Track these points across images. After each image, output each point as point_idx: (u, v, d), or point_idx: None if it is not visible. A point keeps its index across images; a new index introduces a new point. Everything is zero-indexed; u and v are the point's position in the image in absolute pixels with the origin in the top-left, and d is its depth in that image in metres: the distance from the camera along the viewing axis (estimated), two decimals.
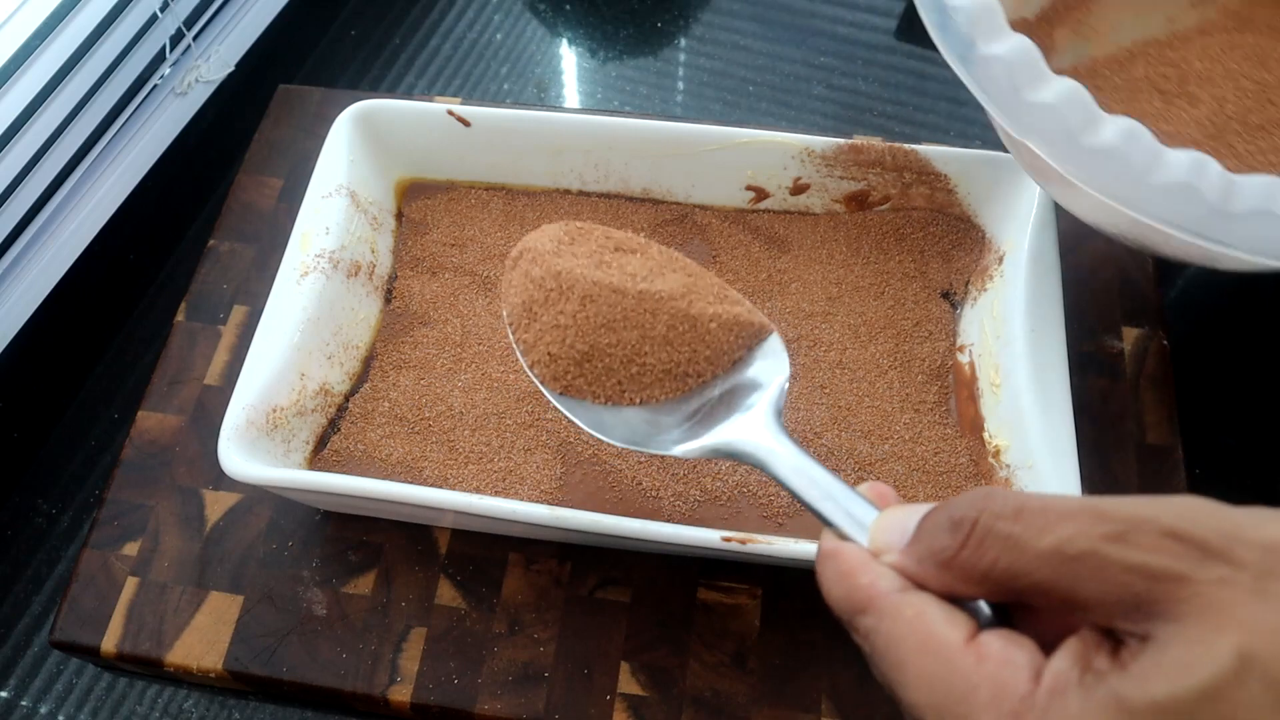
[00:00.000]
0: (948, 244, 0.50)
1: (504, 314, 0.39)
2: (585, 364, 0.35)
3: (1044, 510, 0.20)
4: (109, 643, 0.43)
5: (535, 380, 0.37)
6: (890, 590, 0.23)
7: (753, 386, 0.35)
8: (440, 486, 0.43)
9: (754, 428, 0.32)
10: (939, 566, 0.22)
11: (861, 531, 0.25)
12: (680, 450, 0.34)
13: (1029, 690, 0.20)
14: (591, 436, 0.45)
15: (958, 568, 0.22)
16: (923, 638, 0.22)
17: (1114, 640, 0.20)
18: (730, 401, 0.34)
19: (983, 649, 0.21)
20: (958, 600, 0.22)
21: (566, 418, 0.37)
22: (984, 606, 0.22)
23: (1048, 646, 0.21)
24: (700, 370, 0.35)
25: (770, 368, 0.35)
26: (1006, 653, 0.20)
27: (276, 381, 0.42)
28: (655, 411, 0.35)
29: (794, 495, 0.29)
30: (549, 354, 0.36)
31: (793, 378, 0.47)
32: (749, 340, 0.36)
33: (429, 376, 0.47)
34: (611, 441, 0.35)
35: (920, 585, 0.23)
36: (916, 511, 0.24)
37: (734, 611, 0.43)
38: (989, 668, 0.20)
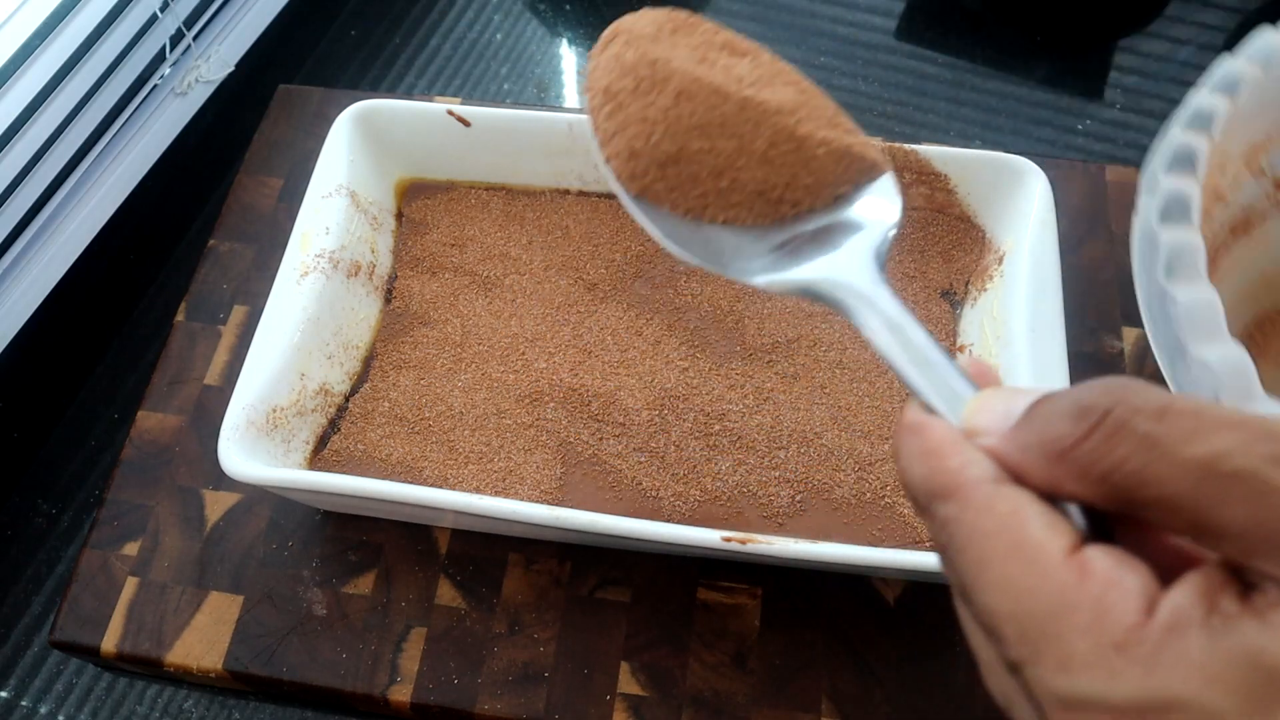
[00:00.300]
0: (948, 244, 0.50)
1: (585, 100, 0.34)
2: (669, 167, 0.31)
3: (1196, 414, 0.17)
4: (109, 643, 0.43)
5: (610, 176, 0.32)
6: (981, 479, 0.20)
7: (854, 227, 0.30)
8: (440, 486, 0.43)
9: (852, 268, 0.28)
10: (1049, 458, 0.19)
11: (954, 410, 0.22)
12: (763, 281, 0.30)
13: (1139, 621, 0.17)
14: (592, 436, 0.45)
15: (1074, 462, 0.18)
16: (1015, 539, 0.19)
17: (1243, 582, 0.17)
18: (826, 239, 0.30)
19: (1088, 564, 0.18)
20: (1056, 503, 0.19)
21: (640, 224, 0.32)
22: (1079, 515, 0.19)
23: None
24: (798, 198, 0.31)
25: (878, 209, 0.31)
26: (1116, 573, 0.18)
27: (276, 381, 0.42)
28: (739, 234, 0.31)
29: (880, 354, 0.25)
30: (630, 149, 0.32)
31: (792, 378, 0.47)
32: (858, 176, 0.32)
33: (429, 376, 0.47)
34: (687, 258, 0.31)
35: (1018, 478, 0.20)
36: (1026, 395, 0.20)
37: (734, 611, 0.43)
38: (1092, 587, 0.17)
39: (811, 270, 0.29)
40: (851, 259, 0.29)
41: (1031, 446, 0.19)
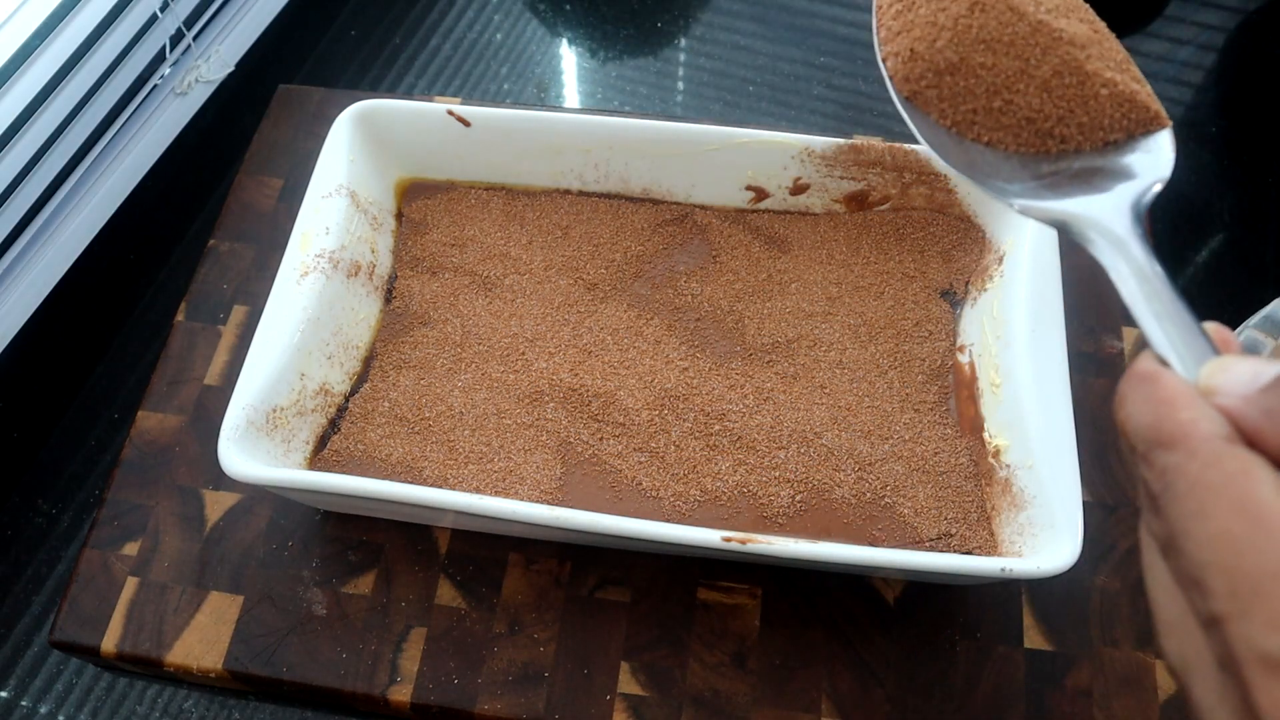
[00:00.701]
0: (948, 244, 0.50)
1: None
2: (947, 76, 0.31)
3: None
4: (109, 643, 0.43)
5: (884, 72, 0.32)
6: (1213, 434, 0.20)
7: (1120, 175, 0.30)
8: (440, 486, 0.43)
9: (1112, 212, 0.28)
10: None
11: (1189, 368, 0.22)
12: (1019, 204, 0.30)
13: None
14: (592, 436, 0.45)
15: None
16: (1242, 496, 0.19)
17: None
18: (1089, 179, 0.30)
19: None
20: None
21: (906, 124, 0.32)
22: None
23: None
24: (1069, 135, 0.31)
25: (1148, 163, 0.30)
26: None
27: (276, 381, 0.42)
28: (1001, 157, 0.31)
29: (1126, 302, 0.25)
30: (911, 50, 0.31)
31: (792, 378, 0.47)
32: (1135, 125, 0.31)
33: (429, 376, 0.47)
34: (948, 165, 0.31)
35: (1251, 443, 0.20)
36: (1274, 365, 0.20)
37: (734, 611, 0.43)
38: None
39: (1071, 205, 0.29)
40: (1112, 204, 0.29)
41: (1277, 413, 0.19)
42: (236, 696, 0.45)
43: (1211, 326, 0.23)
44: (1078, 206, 0.29)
